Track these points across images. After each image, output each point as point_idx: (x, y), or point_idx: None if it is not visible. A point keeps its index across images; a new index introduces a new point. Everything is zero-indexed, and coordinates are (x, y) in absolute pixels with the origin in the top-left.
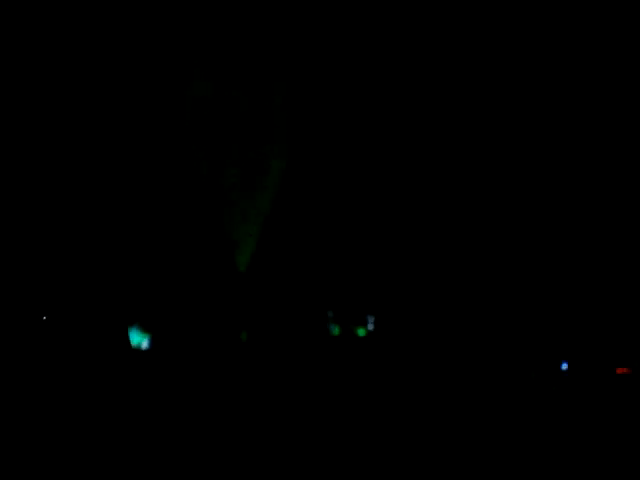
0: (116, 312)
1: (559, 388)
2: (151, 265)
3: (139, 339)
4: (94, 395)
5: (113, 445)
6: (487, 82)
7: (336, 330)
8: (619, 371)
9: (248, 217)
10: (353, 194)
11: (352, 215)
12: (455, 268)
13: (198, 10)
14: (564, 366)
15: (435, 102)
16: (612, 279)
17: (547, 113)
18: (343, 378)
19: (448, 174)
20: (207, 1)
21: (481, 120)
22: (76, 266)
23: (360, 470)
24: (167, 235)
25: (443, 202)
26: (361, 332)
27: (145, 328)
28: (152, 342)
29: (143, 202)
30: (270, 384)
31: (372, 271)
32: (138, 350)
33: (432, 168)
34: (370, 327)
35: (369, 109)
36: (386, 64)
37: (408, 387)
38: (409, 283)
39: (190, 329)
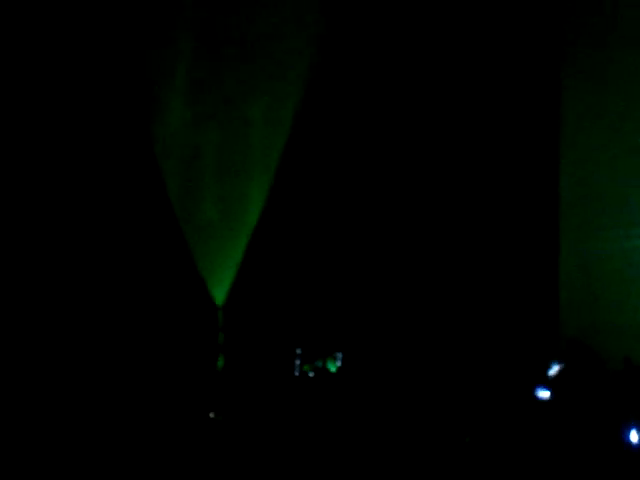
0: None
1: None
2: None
3: None
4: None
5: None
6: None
7: (306, 366)
8: None
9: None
10: (325, 233)
11: (324, 253)
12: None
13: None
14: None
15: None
16: None
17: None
18: (314, 412)
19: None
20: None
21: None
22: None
23: None
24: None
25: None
26: (332, 367)
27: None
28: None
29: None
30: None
31: (341, 309)
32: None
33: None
34: (339, 363)
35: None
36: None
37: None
38: (376, 321)
39: (168, 361)
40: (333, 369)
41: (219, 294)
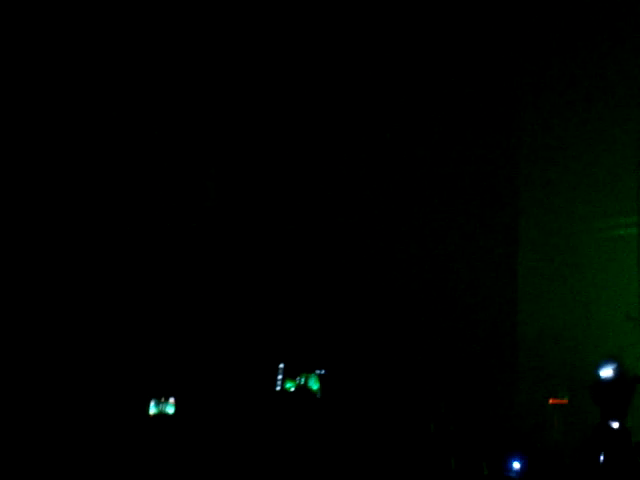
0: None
1: None
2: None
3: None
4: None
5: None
6: None
7: (288, 382)
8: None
9: None
10: (307, 249)
11: (303, 271)
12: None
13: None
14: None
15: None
16: None
17: None
18: (294, 428)
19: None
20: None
21: None
22: None
23: None
24: None
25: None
26: (314, 385)
27: None
28: None
29: None
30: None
31: (322, 326)
32: None
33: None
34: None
35: None
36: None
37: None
38: (356, 340)
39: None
40: (315, 387)
41: None
